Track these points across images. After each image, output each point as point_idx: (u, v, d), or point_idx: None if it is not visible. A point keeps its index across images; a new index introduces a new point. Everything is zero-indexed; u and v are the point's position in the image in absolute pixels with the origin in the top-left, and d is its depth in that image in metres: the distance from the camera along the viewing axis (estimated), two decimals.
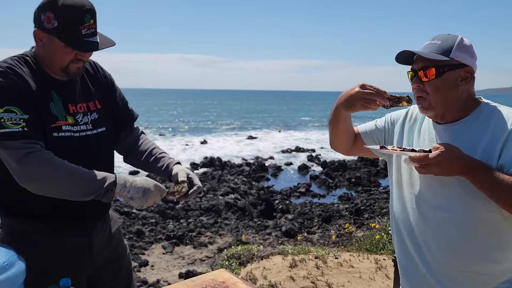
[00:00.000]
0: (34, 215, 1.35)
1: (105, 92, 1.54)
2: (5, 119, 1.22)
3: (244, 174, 12.16)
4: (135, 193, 1.28)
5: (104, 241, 1.49)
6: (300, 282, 2.50)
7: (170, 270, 6.02)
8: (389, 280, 2.62)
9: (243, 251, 2.76)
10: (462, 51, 1.18)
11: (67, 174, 1.25)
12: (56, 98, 1.37)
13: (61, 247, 1.37)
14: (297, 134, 26.55)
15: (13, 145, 1.23)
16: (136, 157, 1.57)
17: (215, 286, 1.38)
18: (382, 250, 3.08)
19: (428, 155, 1.08)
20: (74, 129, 1.39)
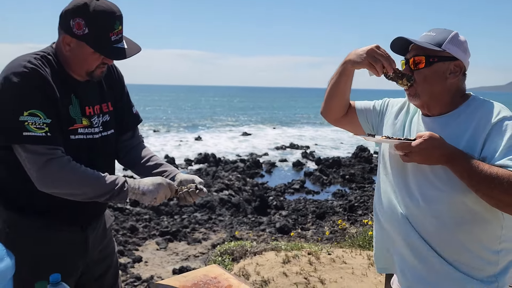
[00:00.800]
0: (34, 211, 1.35)
1: (117, 94, 1.54)
2: (29, 123, 1.22)
3: (238, 170, 12.17)
4: (146, 187, 1.30)
5: (98, 238, 1.50)
6: (293, 278, 2.51)
7: (164, 266, 6.02)
8: (381, 276, 2.64)
9: (236, 247, 2.77)
10: (454, 44, 1.19)
11: (85, 180, 1.28)
12: (75, 101, 1.37)
13: (57, 242, 1.37)
14: (291, 131, 26.60)
15: (36, 150, 1.23)
16: (134, 160, 1.57)
17: (207, 281, 1.38)
18: None
19: (410, 143, 1.10)
20: (88, 132, 1.39)
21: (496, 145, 1.09)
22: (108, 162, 1.48)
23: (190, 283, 1.37)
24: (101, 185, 1.28)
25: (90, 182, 1.28)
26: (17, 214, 1.35)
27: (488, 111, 1.16)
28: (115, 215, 7.49)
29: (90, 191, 1.28)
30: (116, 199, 1.31)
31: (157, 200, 1.31)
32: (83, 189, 1.28)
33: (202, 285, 1.35)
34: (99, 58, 1.32)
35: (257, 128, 27.94)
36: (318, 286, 2.47)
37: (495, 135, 1.10)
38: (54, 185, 1.25)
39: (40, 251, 1.34)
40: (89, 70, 1.34)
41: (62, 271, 1.11)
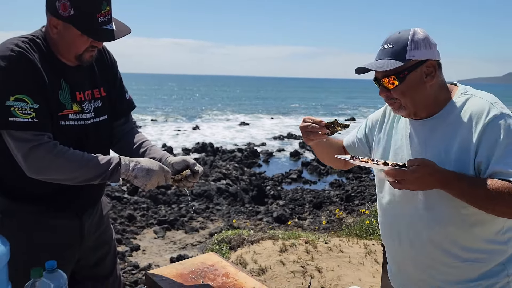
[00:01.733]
0: (28, 197, 1.33)
1: (110, 79, 1.50)
2: (15, 108, 1.19)
3: (236, 160, 12.17)
4: (139, 172, 1.28)
5: (94, 225, 1.49)
6: (290, 266, 2.52)
7: (161, 255, 6.05)
8: (378, 265, 2.66)
9: (233, 235, 2.77)
10: (417, 48, 1.13)
11: (74, 163, 1.25)
12: (65, 86, 1.33)
13: (52, 228, 1.36)
14: (289, 121, 26.54)
15: (21, 136, 1.20)
16: (126, 146, 1.54)
17: (204, 269, 1.38)
18: (372, 236, 3.12)
19: (405, 170, 1.03)
20: (79, 117, 1.36)
21: (490, 148, 1.06)
22: (102, 148, 1.45)
23: (187, 270, 1.37)
24: (92, 168, 1.25)
25: (80, 166, 1.25)
26: (11, 200, 1.33)
27: (477, 110, 1.11)
28: (113, 203, 7.49)
29: (81, 175, 1.26)
30: (109, 181, 1.29)
31: (147, 186, 1.29)
32: (73, 173, 1.25)
33: (199, 273, 1.35)
34: (87, 40, 1.28)
35: (255, 118, 27.84)
36: (315, 274, 2.48)
37: (488, 137, 1.07)
38: (42, 172, 1.23)
39: (35, 238, 1.33)
40: (77, 54, 1.30)
41: (57, 258, 1.10)
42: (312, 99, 53.46)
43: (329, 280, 2.43)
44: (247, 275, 1.33)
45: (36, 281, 0.94)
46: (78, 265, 1.45)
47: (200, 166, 1.42)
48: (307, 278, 2.41)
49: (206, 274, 1.34)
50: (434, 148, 1.15)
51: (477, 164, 1.07)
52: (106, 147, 1.49)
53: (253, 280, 1.29)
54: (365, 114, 32.22)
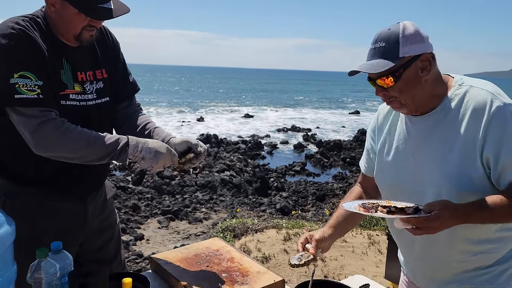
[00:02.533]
0: (32, 179, 1.33)
1: (112, 60, 1.48)
2: (20, 85, 1.18)
3: (240, 151, 12.17)
4: (147, 153, 1.27)
5: (98, 208, 1.48)
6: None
7: (165, 244, 6.10)
8: (381, 255, 2.65)
9: (237, 224, 2.77)
10: (409, 43, 1.07)
11: (82, 141, 1.24)
12: (66, 66, 1.32)
13: (55, 211, 1.36)
14: (293, 113, 26.45)
15: (28, 112, 1.19)
16: (130, 129, 1.52)
17: (209, 254, 1.38)
18: (376, 226, 3.11)
19: (428, 218, 0.99)
20: (81, 98, 1.35)
21: (498, 143, 1.03)
22: (105, 131, 1.42)
23: (192, 255, 1.37)
24: (100, 146, 1.24)
25: (88, 143, 1.24)
26: (14, 182, 1.33)
27: (479, 102, 1.07)
28: (117, 193, 7.54)
29: (89, 153, 1.25)
30: (117, 160, 1.28)
31: (153, 168, 1.28)
32: (81, 151, 1.24)
33: (204, 257, 1.35)
34: (85, 19, 1.26)
35: (259, 110, 27.77)
36: (318, 263, 2.48)
37: (494, 131, 1.03)
38: (50, 149, 1.22)
39: (38, 221, 1.33)
40: (75, 33, 1.28)
41: (61, 240, 1.10)
42: (317, 92, 53.16)
43: (333, 269, 2.43)
44: (252, 260, 1.33)
45: (42, 261, 0.95)
46: (81, 249, 1.45)
47: (203, 145, 1.40)
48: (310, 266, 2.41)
49: (211, 258, 1.34)
50: (437, 144, 1.12)
51: (485, 159, 1.05)
52: (109, 129, 1.48)
53: (257, 265, 1.29)
54: (370, 108, 32.01)
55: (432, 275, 1.23)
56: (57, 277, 0.98)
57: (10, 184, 1.33)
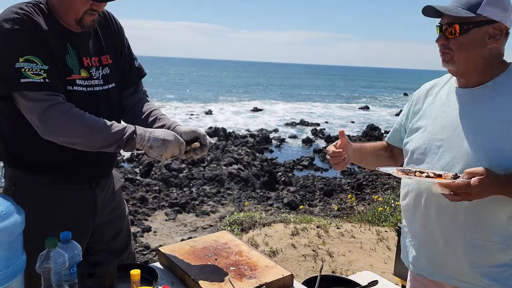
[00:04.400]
0: (40, 167, 1.33)
1: (117, 46, 1.46)
2: (26, 69, 1.17)
3: (248, 145, 12.16)
4: (155, 142, 1.25)
5: (107, 198, 1.48)
6: (301, 249, 2.51)
7: (172, 237, 6.15)
8: (390, 252, 2.63)
9: (245, 218, 2.76)
10: (492, 5, 1.08)
11: (90, 127, 1.23)
12: (72, 51, 1.30)
13: (64, 200, 1.35)
14: (302, 108, 26.32)
15: (35, 96, 1.18)
16: (135, 116, 1.51)
17: (217, 247, 1.37)
18: (384, 222, 3.08)
19: (468, 183, 0.98)
20: (88, 83, 1.33)
21: None
22: (113, 117, 1.40)
23: (200, 247, 1.36)
24: (108, 133, 1.23)
25: (96, 130, 1.23)
26: (23, 171, 1.33)
27: None
28: (125, 185, 7.61)
29: (96, 139, 1.24)
30: (124, 149, 1.27)
31: (162, 157, 1.27)
32: (89, 136, 1.23)
33: (212, 250, 1.34)
34: (86, 2, 1.24)
35: (268, 104, 27.69)
36: (326, 258, 2.47)
37: None
38: (57, 132, 1.21)
39: (48, 209, 1.33)
40: (77, 18, 1.27)
41: (71, 230, 1.09)
42: (327, 86, 52.73)
43: (340, 264, 2.42)
44: (260, 254, 1.32)
45: (51, 251, 0.94)
46: (92, 239, 1.45)
47: (209, 139, 1.39)
48: (318, 262, 2.40)
49: (219, 251, 1.33)
50: (478, 118, 1.10)
51: None
52: (117, 116, 1.46)
53: (266, 259, 1.27)
54: (379, 103, 31.67)
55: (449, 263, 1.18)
56: (66, 267, 0.97)
57: (20, 174, 1.33)
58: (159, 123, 1.43)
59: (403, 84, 65.02)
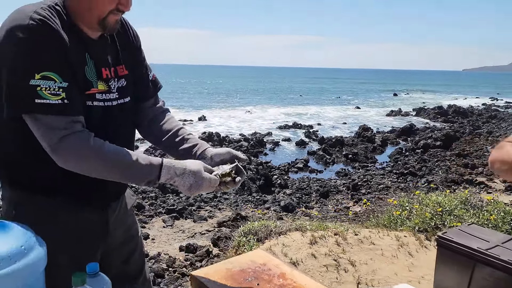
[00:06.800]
0: (46, 188, 1.15)
1: (133, 55, 1.31)
2: (42, 88, 0.99)
3: (242, 149, 12.03)
4: (181, 184, 1.09)
5: (119, 219, 1.31)
6: (322, 259, 2.37)
7: (170, 243, 5.97)
8: (413, 258, 2.52)
9: (260, 226, 2.62)
10: None
11: (110, 163, 1.07)
12: (90, 61, 1.13)
13: (72, 223, 1.18)
14: (294, 111, 26.30)
15: (50, 122, 1.01)
16: (157, 133, 1.35)
17: (255, 269, 1.21)
18: (401, 227, 2.97)
19: None
20: (106, 98, 1.17)
21: None
22: (127, 135, 1.28)
23: (237, 270, 1.20)
24: (130, 170, 1.07)
25: (116, 166, 1.07)
26: (25, 192, 1.15)
27: None
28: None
29: (115, 176, 1.09)
30: (146, 186, 1.13)
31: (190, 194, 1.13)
32: (107, 173, 1.08)
33: (251, 273, 1.18)
34: (114, 0, 1.09)
35: (261, 108, 27.59)
36: (349, 268, 2.34)
37: None
38: (71, 166, 1.05)
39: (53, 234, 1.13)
40: (101, 17, 1.10)
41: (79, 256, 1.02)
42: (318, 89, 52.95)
43: (364, 274, 2.29)
44: (305, 275, 1.17)
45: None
46: (106, 263, 1.28)
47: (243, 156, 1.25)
48: (341, 272, 2.27)
49: (259, 275, 1.17)
50: None
51: None
52: (131, 132, 1.31)
53: (313, 282, 1.13)
54: (371, 104, 31.89)
55: None
56: None
57: (22, 195, 1.16)
58: (187, 144, 1.29)
59: (392, 85, 65.82)
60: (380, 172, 10.29)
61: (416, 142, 13.45)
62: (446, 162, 10.72)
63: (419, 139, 13.72)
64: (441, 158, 11.32)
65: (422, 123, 19.40)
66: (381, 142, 14.07)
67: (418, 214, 2.94)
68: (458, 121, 19.07)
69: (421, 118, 21.62)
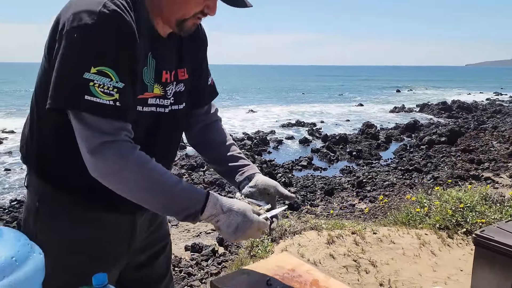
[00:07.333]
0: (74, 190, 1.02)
1: (198, 58, 1.17)
2: (96, 84, 0.87)
3: (246, 148, 11.91)
4: (227, 223, 0.95)
5: (147, 220, 1.18)
6: (341, 260, 2.24)
7: (176, 243, 5.89)
8: (436, 257, 2.38)
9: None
10: None
11: (150, 182, 0.92)
12: (150, 61, 1.00)
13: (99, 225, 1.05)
14: (297, 109, 26.20)
15: (95, 123, 0.88)
16: (206, 143, 1.24)
17: (284, 275, 1.06)
18: (421, 224, 2.83)
19: None
20: (159, 103, 1.03)
21: None
22: (173, 144, 1.15)
23: (264, 277, 1.06)
24: (170, 202, 0.93)
25: (157, 187, 0.92)
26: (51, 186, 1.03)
27: None
28: None
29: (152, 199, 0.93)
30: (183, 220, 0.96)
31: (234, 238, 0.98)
32: (141, 196, 0.93)
33: (279, 281, 1.05)
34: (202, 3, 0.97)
35: (263, 106, 27.48)
36: (370, 269, 2.20)
37: None
38: (105, 179, 0.91)
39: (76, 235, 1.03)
40: (184, 17, 0.98)
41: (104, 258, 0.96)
42: (320, 87, 52.80)
43: (387, 275, 2.15)
44: (341, 283, 1.03)
45: None
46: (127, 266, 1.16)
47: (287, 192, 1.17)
48: (362, 273, 2.13)
49: (289, 281, 1.03)
50: None
51: None
52: (177, 142, 1.18)
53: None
54: (374, 100, 31.71)
55: None
56: None
57: (49, 188, 1.03)
58: (236, 162, 1.20)
59: (394, 82, 65.56)
60: (385, 169, 10.16)
61: (421, 138, 13.30)
62: (452, 158, 10.57)
63: (423, 135, 13.57)
64: (446, 154, 11.17)
65: (426, 119, 19.24)
66: (385, 139, 13.93)
67: (438, 211, 2.80)
68: (462, 117, 18.91)
69: (425, 114, 21.46)
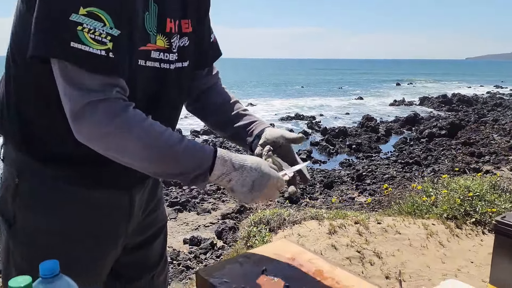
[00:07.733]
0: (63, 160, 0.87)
1: (201, 10, 1.01)
2: (85, 28, 0.71)
3: None
4: (241, 182, 0.82)
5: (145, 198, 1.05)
6: (344, 251, 2.10)
7: (174, 236, 5.83)
8: (444, 248, 2.24)
9: (271, 215, 2.34)
10: None
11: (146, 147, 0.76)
12: (153, 6, 0.83)
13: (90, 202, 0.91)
14: (295, 102, 26.08)
15: (80, 79, 0.72)
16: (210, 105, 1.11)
17: (282, 265, 0.93)
18: (428, 214, 2.69)
19: None
20: (164, 58, 0.88)
21: None
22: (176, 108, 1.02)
23: (259, 266, 0.91)
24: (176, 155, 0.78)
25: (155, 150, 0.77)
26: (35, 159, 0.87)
27: None
28: None
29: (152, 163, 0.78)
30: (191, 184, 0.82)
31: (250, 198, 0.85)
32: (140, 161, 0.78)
33: (278, 270, 0.90)
34: None
35: (262, 99, 27.34)
36: (374, 260, 2.07)
37: None
38: (93, 144, 0.77)
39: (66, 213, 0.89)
40: None
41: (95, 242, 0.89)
42: (319, 80, 52.57)
43: (393, 267, 2.02)
44: (350, 273, 0.88)
45: None
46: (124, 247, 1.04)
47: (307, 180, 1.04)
48: (366, 265, 2.00)
49: (288, 272, 0.89)
50: None
51: None
52: (179, 109, 1.05)
53: (361, 281, 0.84)
54: (373, 93, 31.55)
55: None
56: None
57: (30, 161, 0.87)
58: (242, 121, 1.06)
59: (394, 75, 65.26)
60: (384, 162, 10.07)
61: (421, 131, 13.17)
62: (452, 151, 10.46)
63: (423, 128, 13.45)
64: (446, 147, 11.06)
65: (426, 112, 19.11)
66: (385, 132, 13.81)
67: (446, 200, 2.66)
68: (462, 110, 18.79)
69: (425, 107, 21.33)
